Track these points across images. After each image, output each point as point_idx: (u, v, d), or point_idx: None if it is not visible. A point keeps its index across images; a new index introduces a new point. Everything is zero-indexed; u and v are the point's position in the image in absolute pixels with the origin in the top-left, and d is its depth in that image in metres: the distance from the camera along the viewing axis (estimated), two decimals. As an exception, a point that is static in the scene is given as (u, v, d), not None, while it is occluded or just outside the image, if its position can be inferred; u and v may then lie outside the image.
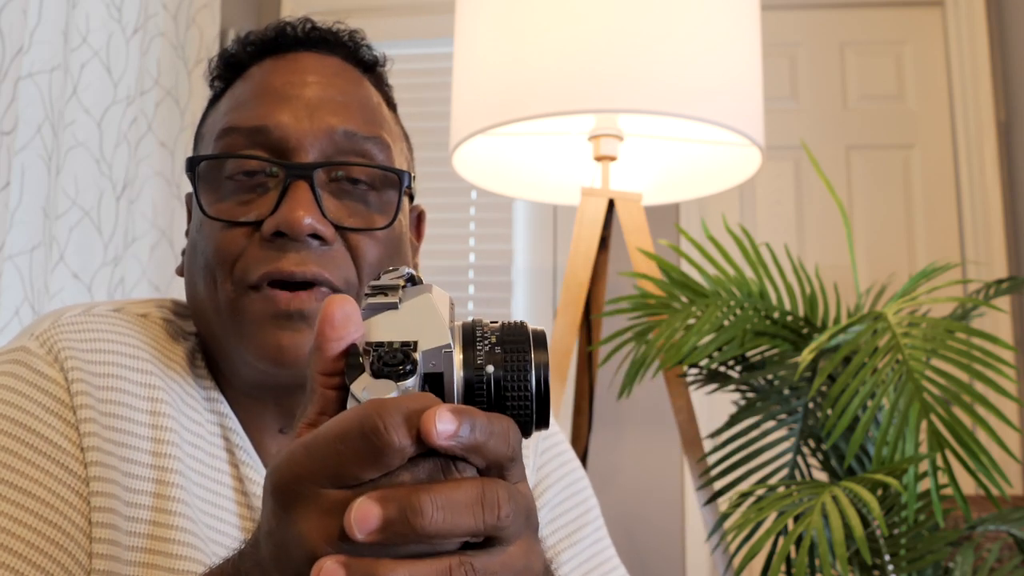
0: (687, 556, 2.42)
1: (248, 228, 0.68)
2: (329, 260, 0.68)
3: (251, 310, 0.67)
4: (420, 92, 2.70)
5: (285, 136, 0.69)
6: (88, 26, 1.77)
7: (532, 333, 0.45)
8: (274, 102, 0.70)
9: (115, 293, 1.80)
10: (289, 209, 0.66)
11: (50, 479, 0.62)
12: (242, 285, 0.68)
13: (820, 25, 2.70)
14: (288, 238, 0.66)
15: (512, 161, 1.86)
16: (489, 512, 0.39)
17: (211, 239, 0.69)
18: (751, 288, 1.57)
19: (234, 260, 0.68)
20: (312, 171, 0.68)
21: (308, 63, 0.74)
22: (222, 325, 0.69)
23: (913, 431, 1.28)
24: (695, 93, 1.49)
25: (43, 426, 0.63)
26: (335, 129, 0.70)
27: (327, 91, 0.72)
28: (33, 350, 0.66)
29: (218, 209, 0.69)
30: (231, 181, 0.70)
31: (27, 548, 0.60)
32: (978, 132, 2.52)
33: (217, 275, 0.68)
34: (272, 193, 0.69)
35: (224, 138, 0.70)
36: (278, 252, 0.66)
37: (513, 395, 0.44)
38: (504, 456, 0.41)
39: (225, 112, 0.73)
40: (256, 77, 0.74)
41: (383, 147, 0.72)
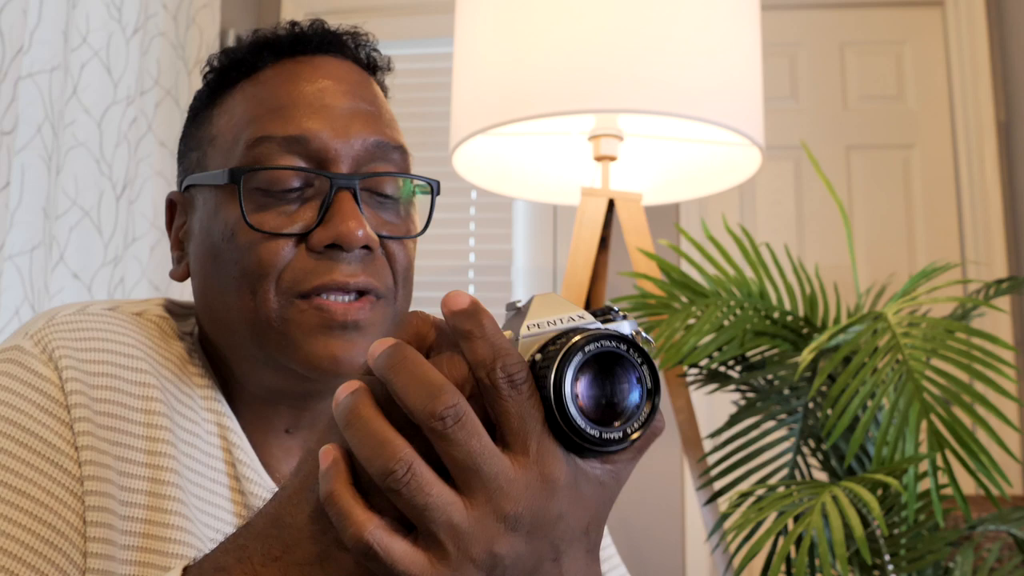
0: (687, 556, 2.42)
1: (292, 239, 0.69)
2: (374, 268, 0.70)
3: (301, 320, 0.68)
4: (420, 92, 2.70)
5: (324, 146, 0.70)
6: (88, 26, 1.77)
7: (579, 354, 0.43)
8: (308, 111, 0.71)
9: (115, 293, 1.80)
10: (341, 221, 0.67)
11: (44, 479, 0.62)
12: (289, 295, 0.68)
13: (820, 25, 2.70)
14: (341, 249, 0.68)
15: (512, 161, 1.86)
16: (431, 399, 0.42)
17: (251, 250, 0.69)
18: (751, 288, 1.57)
19: (280, 271, 0.68)
20: (356, 181, 0.69)
21: (330, 69, 0.74)
22: (259, 336, 0.69)
23: (913, 431, 1.28)
24: (695, 93, 1.49)
25: (37, 425, 0.63)
26: (368, 139, 0.71)
27: (356, 101, 0.73)
28: (27, 349, 0.66)
29: (259, 219, 0.69)
30: (267, 191, 0.70)
31: (21, 548, 0.59)
32: (978, 132, 2.52)
33: (258, 286, 0.68)
34: (312, 203, 0.69)
35: (258, 147, 0.70)
36: (330, 263, 0.68)
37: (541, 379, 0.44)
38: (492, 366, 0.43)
39: (250, 119, 0.72)
40: (277, 82, 0.73)
41: (404, 155, 0.74)
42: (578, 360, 0.43)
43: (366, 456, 0.42)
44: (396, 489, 0.41)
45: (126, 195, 1.85)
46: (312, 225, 0.68)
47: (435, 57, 2.73)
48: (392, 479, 0.41)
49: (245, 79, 0.74)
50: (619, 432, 0.43)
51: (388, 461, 0.41)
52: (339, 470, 0.43)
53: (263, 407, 0.73)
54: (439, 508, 0.41)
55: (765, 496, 1.38)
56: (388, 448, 0.41)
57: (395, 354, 0.43)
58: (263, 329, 0.69)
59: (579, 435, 0.43)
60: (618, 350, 0.44)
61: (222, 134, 0.73)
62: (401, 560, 0.41)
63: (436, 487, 0.41)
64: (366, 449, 0.42)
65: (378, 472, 0.41)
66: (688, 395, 1.62)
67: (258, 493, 0.71)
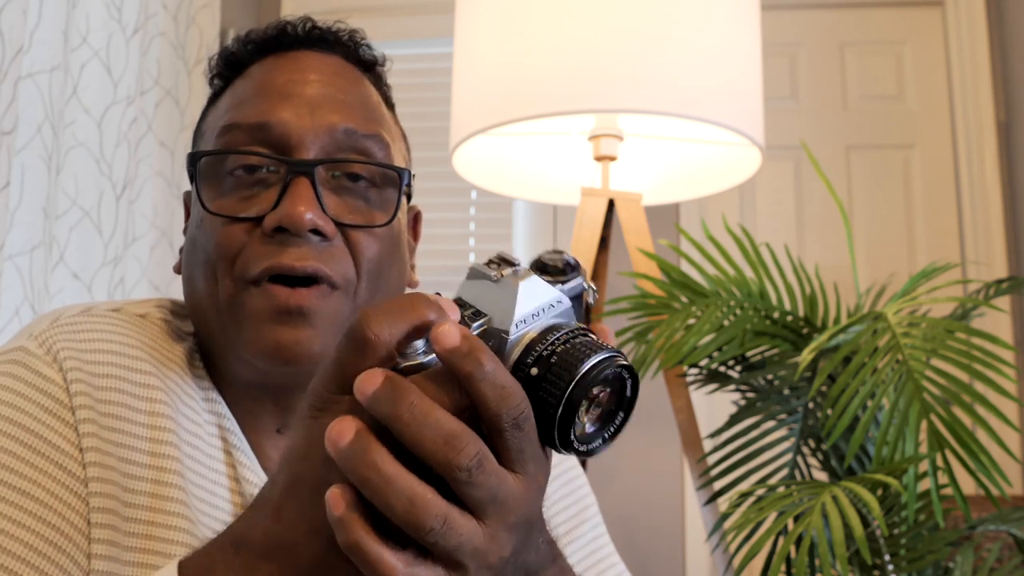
0: (687, 556, 2.42)
1: (249, 224, 0.68)
2: (329, 256, 0.68)
3: (250, 306, 0.67)
4: (420, 92, 2.70)
5: (287, 133, 0.69)
6: (88, 26, 1.77)
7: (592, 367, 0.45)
8: (276, 99, 0.71)
9: (115, 293, 1.80)
10: (291, 204, 0.66)
11: (48, 480, 0.62)
12: (242, 281, 0.68)
13: (820, 25, 2.70)
14: (289, 233, 0.67)
15: (512, 161, 1.86)
16: (452, 451, 0.42)
17: (212, 235, 0.69)
18: (751, 288, 1.57)
19: (235, 255, 0.68)
20: (313, 167, 0.68)
21: (309, 62, 0.75)
22: (221, 322, 0.69)
23: (913, 431, 1.28)
24: (695, 93, 1.49)
25: (41, 427, 0.63)
26: (336, 127, 0.71)
27: (328, 89, 0.72)
28: (32, 350, 0.66)
29: (219, 205, 0.69)
30: (232, 177, 0.70)
31: (24, 549, 0.59)
32: (978, 132, 2.52)
33: (217, 271, 0.68)
34: (273, 189, 0.69)
35: (225, 135, 0.71)
36: (279, 247, 0.67)
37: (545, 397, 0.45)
38: (498, 412, 0.43)
39: (226, 109, 0.73)
40: (257, 75, 0.74)
41: (382, 145, 0.73)
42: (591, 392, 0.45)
43: (398, 515, 0.42)
44: (432, 541, 0.42)
45: (126, 195, 1.85)
46: (267, 210, 0.68)
47: (435, 57, 2.73)
48: (430, 535, 0.42)
49: (237, 77, 0.76)
50: (600, 439, 0.47)
51: (425, 519, 0.42)
52: (355, 518, 0.43)
53: (252, 404, 0.73)
54: (467, 542, 0.43)
55: (765, 496, 1.38)
56: (421, 505, 0.42)
57: (399, 399, 0.42)
58: (222, 316, 0.69)
59: (570, 449, 0.46)
60: (622, 375, 0.46)
61: (208, 128, 0.75)
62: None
63: (465, 526, 0.43)
64: (397, 508, 0.42)
65: (413, 528, 0.42)
66: (688, 395, 1.62)
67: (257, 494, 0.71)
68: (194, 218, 0.73)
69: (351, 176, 0.71)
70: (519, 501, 0.44)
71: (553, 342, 0.46)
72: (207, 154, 0.71)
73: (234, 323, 0.68)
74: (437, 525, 0.42)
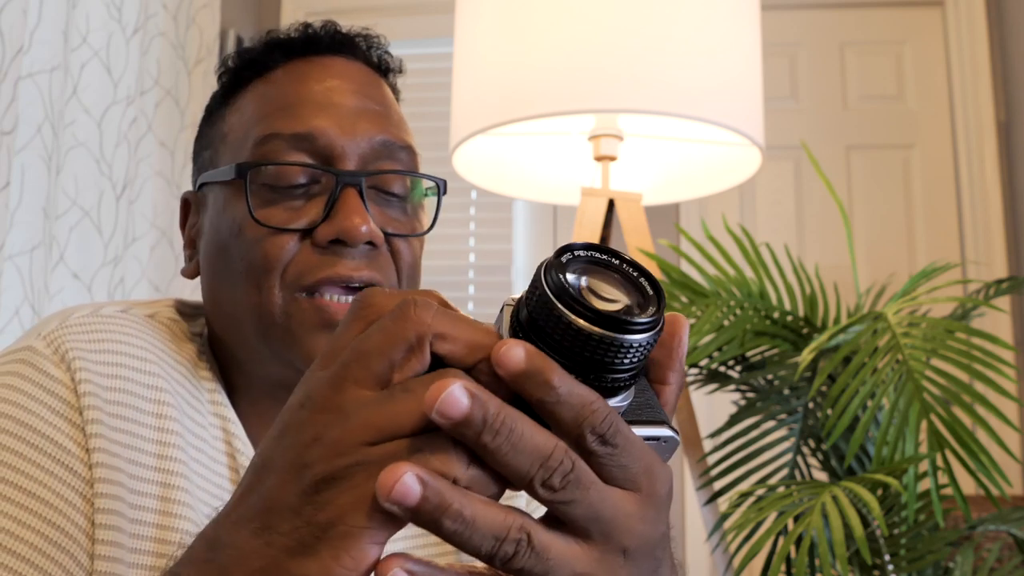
0: (687, 556, 2.42)
1: (297, 234, 0.69)
2: (379, 264, 0.71)
3: (302, 318, 0.68)
4: (420, 92, 2.70)
5: (330, 144, 0.71)
6: (88, 26, 1.77)
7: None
8: (315, 108, 0.72)
9: (115, 293, 1.80)
10: (345, 216, 0.68)
11: (53, 480, 0.62)
12: (293, 289, 0.69)
13: (820, 25, 2.70)
14: (344, 245, 0.69)
15: (512, 161, 1.86)
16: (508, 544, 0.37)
17: (257, 244, 0.69)
18: (751, 288, 1.56)
19: (285, 265, 0.69)
20: (362, 178, 0.70)
21: (339, 68, 0.75)
22: (262, 330, 0.70)
23: (913, 431, 1.28)
24: (695, 93, 1.49)
25: (48, 427, 0.63)
26: (375, 138, 0.72)
27: (364, 100, 0.74)
28: (40, 350, 0.66)
29: (266, 215, 0.70)
30: (274, 187, 0.71)
31: (27, 549, 0.60)
32: (978, 132, 2.52)
33: (264, 280, 0.69)
34: (318, 199, 0.70)
35: (266, 144, 0.71)
36: (334, 258, 0.69)
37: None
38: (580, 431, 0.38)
39: (260, 116, 0.73)
40: (287, 81, 0.74)
41: (412, 155, 0.75)
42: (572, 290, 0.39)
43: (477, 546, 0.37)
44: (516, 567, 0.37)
45: (126, 195, 1.85)
46: (318, 221, 0.69)
47: (435, 57, 2.73)
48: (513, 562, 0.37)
49: (257, 79, 0.76)
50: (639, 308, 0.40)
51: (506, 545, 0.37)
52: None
53: (270, 407, 0.73)
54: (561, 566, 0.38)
55: (765, 496, 1.38)
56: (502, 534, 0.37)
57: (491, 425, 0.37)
58: (267, 324, 0.69)
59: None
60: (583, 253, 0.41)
61: (233, 132, 0.74)
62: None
63: (554, 547, 0.38)
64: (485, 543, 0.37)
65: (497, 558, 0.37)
66: (688, 395, 1.62)
67: None
68: (225, 225, 0.72)
69: (386, 185, 0.73)
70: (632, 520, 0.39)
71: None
72: (262, 164, 0.71)
73: (282, 331, 0.69)
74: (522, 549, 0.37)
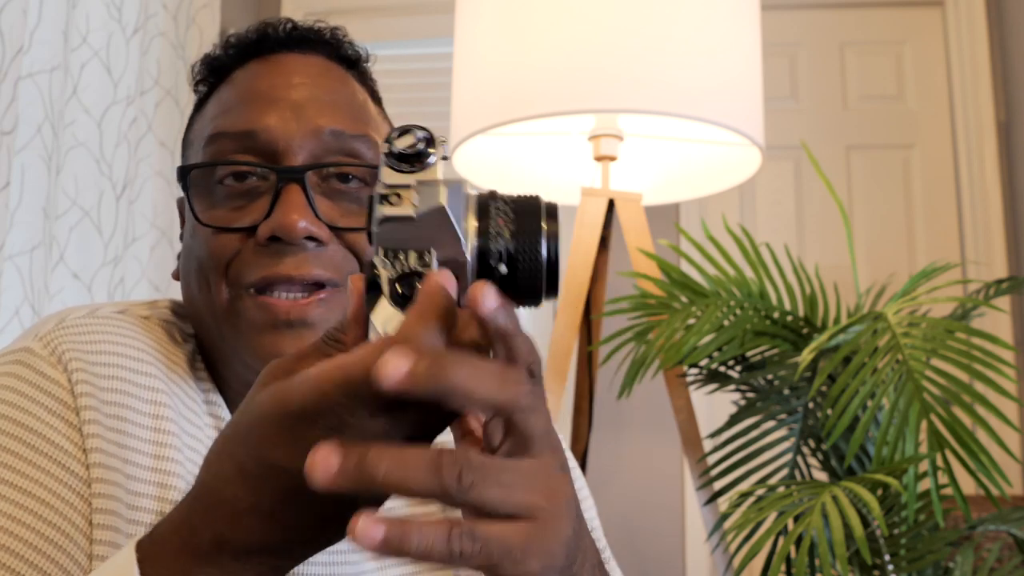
0: (687, 556, 2.42)
1: (242, 233, 0.68)
2: (327, 261, 0.68)
3: (249, 315, 0.67)
4: (420, 92, 2.70)
5: (273, 139, 0.69)
6: (88, 26, 1.77)
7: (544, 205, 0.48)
8: (261, 105, 0.71)
9: (115, 293, 1.80)
10: (283, 213, 0.66)
11: (50, 480, 0.62)
12: (238, 287, 0.68)
13: (820, 25, 2.70)
14: (284, 242, 0.67)
15: (512, 161, 1.86)
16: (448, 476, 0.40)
17: (205, 244, 0.69)
18: (751, 288, 1.56)
19: (228, 264, 0.68)
20: (303, 173, 0.68)
21: (292, 64, 0.74)
22: (219, 328, 0.70)
23: (913, 431, 1.28)
24: (695, 93, 1.49)
25: (45, 427, 0.63)
26: (322, 129, 0.70)
27: (312, 91, 0.72)
28: (37, 351, 0.66)
29: (211, 216, 0.70)
30: (222, 186, 0.70)
31: (25, 548, 0.60)
32: (978, 132, 2.52)
33: (211, 279, 0.69)
34: (264, 197, 0.69)
35: (212, 144, 0.71)
36: (274, 256, 0.67)
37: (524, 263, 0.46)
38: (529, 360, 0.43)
39: (212, 118, 0.73)
40: (241, 81, 0.74)
41: (371, 145, 0.72)
42: None
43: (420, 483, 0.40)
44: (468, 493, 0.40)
45: (126, 195, 1.85)
46: (260, 219, 0.68)
47: (435, 57, 2.72)
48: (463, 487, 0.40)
49: (220, 83, 0.75)
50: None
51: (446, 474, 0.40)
52: None
53: None
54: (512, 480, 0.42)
55: (765, 496, 1.38)
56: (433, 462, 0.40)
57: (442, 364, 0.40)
58: (219, 322, 0.69)
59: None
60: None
61: (195, 137, 0.75)
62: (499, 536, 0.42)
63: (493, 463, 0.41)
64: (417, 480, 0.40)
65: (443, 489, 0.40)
66: (688, 395, 1.62)
67: None
68: (188, 227, 0.73)
69: (342, 178, 0.71)
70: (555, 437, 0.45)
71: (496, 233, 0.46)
72: (196, 167, 0.71)
73: (233, 329, 0.68)
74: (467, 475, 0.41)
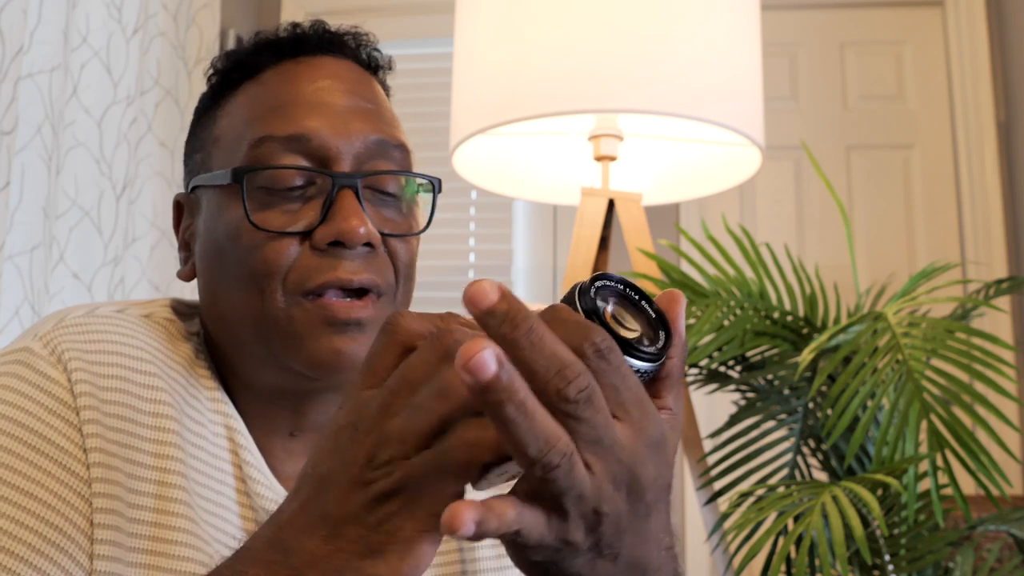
0: (687, 556, 2.42)
1: (296, 237, 0.69)
2: (377, 266, 0.70)
3: (305, 319, 0.68)
4: (420, 92, 2.70)
5: (324, 145, 0.70)
6: (88, 26, 1.77)
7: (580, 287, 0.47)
8: (307, 109, 0.71)
9: (115, 293, 1.80)
10: (343, 219, 0.68)
11: (51, 480, 0.62)
12: (295, 294, 0.69)
13: (820, 25, 2.70)
14: (343, 247, 0.68)
15: (512, 161, 1.86)
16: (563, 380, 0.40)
17: (256, 249, 0.69)
18: (751, 288, 1.56)
19: (286, 269, 0.69)
20: (358, 180, 0.70)
21: (330, 68, 0.75)
22: (263, 334, 0.69)
23: (913, 431, 1.28)
24: (695, 93, 1.49)
25: (44, 427, 0.63)
26: (368, 137, 0.72)
27: (355, 99, 0.73)
28: (36, 351, 0.66)
29: (263, 218, 0.69)
30: (270, 190, 0.70)
31: (26, 549, 0.60)
32: (978, 132, 2.52)
33: (266, 285, 0.69)
34: (315, 202, 0.70)
35: (260, 147, 0.70)
36: (334, 260, 0.68)
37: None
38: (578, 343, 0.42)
39: (251, 119, 0.72)
40: (277, 82, 0.74)
41: (406, 153, 0.75)
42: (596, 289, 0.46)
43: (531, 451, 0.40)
44: (552, 478, 0.40)
45: (126, 195, 1.85)
46: (315, 223, 0.69)
47: (435, 57, 2.73)
48: (555, 472, 0.40)
49: (248, 80, 0.75)
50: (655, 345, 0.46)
51: (553, 457, 0.40)
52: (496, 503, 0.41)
53: (266, 408, 0.73)
54: (579, 485, 0.41)
55: (765, 496, 1.38)
56: (553, 443, 0.40)
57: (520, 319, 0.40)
58: (269, 327, 0.69)
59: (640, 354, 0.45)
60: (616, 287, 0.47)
61: (225, 135, 0.74)
62: (535, 529, 0.42)
63: (581, 468, 0.41)
64: (532, 447, 0.40)
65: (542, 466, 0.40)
66: (688, 395, 1.62)
67: (264, 494, 0.71)
68: (221, 229, 0.72)
69: (382, 185, 0.73)
70: (624, 451, 0.42)
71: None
72: (254, 169, 0.70)
73: (284, 334, 0.69)
74: (564, 463, 0.40)
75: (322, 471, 0.45)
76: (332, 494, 0.44)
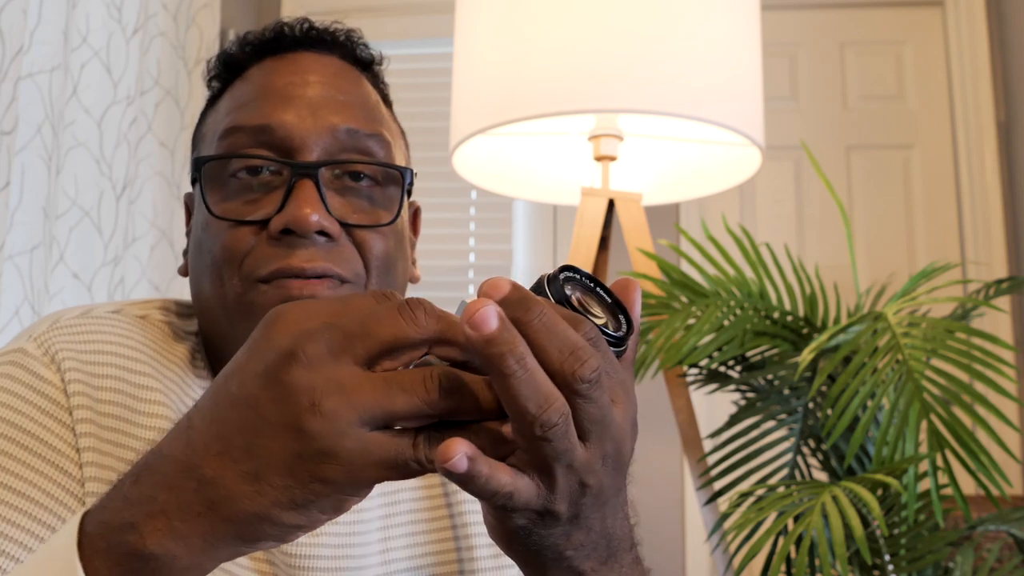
0: (687, 556, 2.42)
1: (255, 226, 0.69)
2: (337, 255, 0.69)
3: (262, 301, 0.68)
4: (420, 92, 2.70)
5: (289, 135, 0.70)
6: (88, 26, 1.77)
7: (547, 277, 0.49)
8: (277, 101, 0.71)
9: (115, 293, 1.80)
10: (296, 207, 0.67)
11: (44, 480, 0.62)
12: (251, 280, 0.68)
13: (820, 25, 2.70)
14: (296, 235, 0.68)
15: (512, 161, 1.86)
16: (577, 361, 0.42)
17: (218, 238, 0.70)
18: (751, 288, 1.56)
19: (242, 257, 0.69)
20: (317, 169, 0.69)
21: (308, 63, 0.75)
22: (230, 320, 0.70)
23: (913, 431, 1.28)
24: (695, 93, 1.49)
25: (38, 427, 0.64)
26: (337, 127, 0.71)
27: (328, 90, 0.73)
28: (30, 352, 0.66)
29: (224, 208, 0.70)
30: (235, 180, 0.71)
31: (18, 549, 0.60)
32: (978, 132, 2.52)
33: (224, 272, 0.69)
34: (278, 192, 0.70)
35: (227, 137, 0.71)
36: (287, 249, 0.68)
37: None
38: None
39: (227, 112, 0.73)
40: (256, 77, 0.75)
41: (384, 144, 0.74)
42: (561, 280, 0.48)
43: (530, 410, 0.41)
44: (548, 439, 0.42)
45: (126, 195, 1.85)
46: (273, 213, 0.69)
47: (435, 57, 2.73)
48: (552, 432, 0.42)
49: (235, 79, 0.76)
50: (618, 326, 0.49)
51: (552, 415, 0.41)
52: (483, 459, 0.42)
53: None
54: (569, 452, 0.43)
55: (765, 496, 1.38)
56: (552, 401, 0.41)
57: (531, 305, 0.42)
58: (232, 314, 0.69)
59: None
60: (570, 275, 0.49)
61: (209, 131, 0.75)
62: (524, 494, 0.44)
63: (575, 435, 0.43)
64: (531, 402, 0.41)
65: (540, 423, 0.41)
66: (688, 395, 1.62)
67: None
68: (199, 221, 0.73)
69: (354, 176, 0.72)
70: (617, 430, 0.45)
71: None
72: (212, 159, 0.71)
73: (245, 319, 0.68)
74: (562, 421, 0.42)
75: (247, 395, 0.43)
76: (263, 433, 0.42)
